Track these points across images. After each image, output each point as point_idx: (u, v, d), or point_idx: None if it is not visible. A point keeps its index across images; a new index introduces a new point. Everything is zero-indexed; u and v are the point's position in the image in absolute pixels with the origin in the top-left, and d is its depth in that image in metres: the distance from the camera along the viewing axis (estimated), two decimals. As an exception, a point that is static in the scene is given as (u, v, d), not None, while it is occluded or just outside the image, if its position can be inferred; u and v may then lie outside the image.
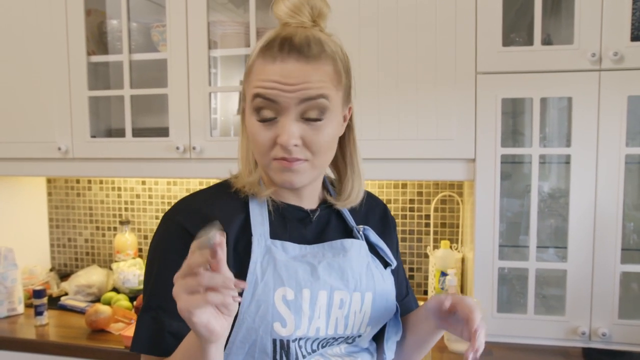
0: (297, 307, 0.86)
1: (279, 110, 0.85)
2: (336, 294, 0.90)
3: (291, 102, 0.84)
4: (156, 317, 0.85)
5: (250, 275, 0.86)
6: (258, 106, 0.86)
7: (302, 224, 0.96)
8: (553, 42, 1.68)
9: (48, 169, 2.01)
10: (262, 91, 0.84)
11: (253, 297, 0.85)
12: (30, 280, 2.17)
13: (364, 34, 1.67)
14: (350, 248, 0.95)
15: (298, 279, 0.87)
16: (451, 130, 1.64)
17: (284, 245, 0.90)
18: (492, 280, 1.65)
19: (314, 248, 0.93)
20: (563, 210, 1.67)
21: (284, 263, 0.88)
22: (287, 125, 0.85)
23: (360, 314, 0.93)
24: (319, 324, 0.88)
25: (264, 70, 0.85)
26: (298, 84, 0.83)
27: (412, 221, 2.08)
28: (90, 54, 1.93)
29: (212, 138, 1.82)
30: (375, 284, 0.95)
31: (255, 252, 0.88)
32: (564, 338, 1.62)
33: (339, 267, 0.91)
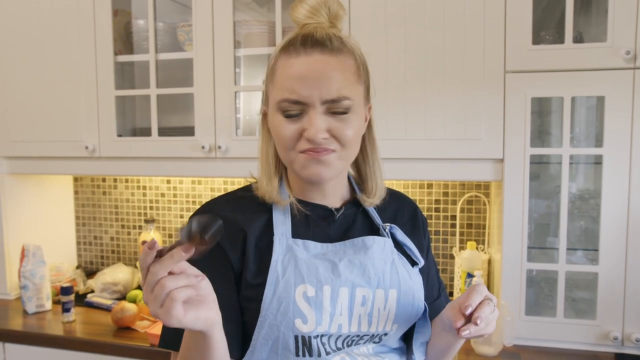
0: (317, 304, 0.87)
1: (305, 106, 0.87)
2: (358, 290, 0.90)
3: (318, 97, 0.86)
4: None
5: (271, 273, 0.88)
6: (285, 108, 0.88)
7: (325, 222, 0.97)
8: (584, 39, 1.65)
9: (75, 168, 2.04)
10: (288, 95, 0.86)
11: (274, 294, 0.87)
12: (57, 277, 2.20)
13: (391, 33, 1.65)
14: (372, 245, 0.95)
15: (319, 276, 0.88)
16: (479, 130, 1.61)
17: (305, 243, 0.92)
18: (520, 283, 1.62)
19: (335, 246, 0.94)
20: (593, 211, 1.64)
21: (305, 261, 0.89)
22: (314, 118, 0.86)
23: (385, 312, 0.92)
24: (341, 321, 0.88)
25: (289, 65, 0.87)
26: (324, 77, 0.85)
27: (437, 222, 2.06)
28: (117, 53, 1.95)
29: (238, 137, 1.82)
30: (400, 281, 0.95)
31: (277, 250, 0.90)
32: (595, 343, 1.58)
33: (360, 264, 0.92)
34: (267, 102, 0.94)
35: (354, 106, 0.89)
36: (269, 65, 0.92)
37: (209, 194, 2.27)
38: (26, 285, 1.96)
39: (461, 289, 1.89)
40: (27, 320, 1.91)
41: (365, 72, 0.93)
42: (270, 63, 0.92)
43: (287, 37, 0.90)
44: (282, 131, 0.88)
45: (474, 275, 1.78)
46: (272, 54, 0.92)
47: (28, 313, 1.97)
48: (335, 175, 0.93)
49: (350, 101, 0.87)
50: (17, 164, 2.10)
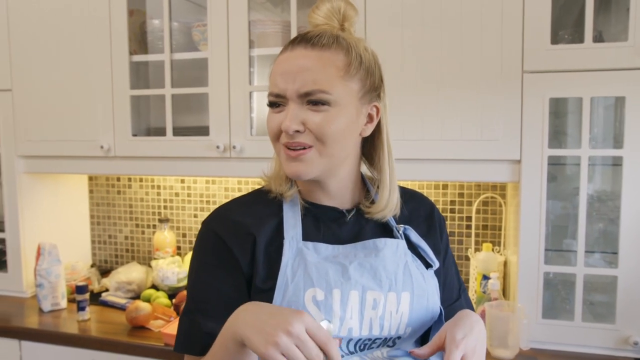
0: (327, 308, 0.86)
1: (285, 99, 0.89)
2: (369, 294, 0.89)
3: (294, 90, 0.87)
4: (193, 319, 0.91)
5: (281, 277, 0.88)
6: (270, 101, 0.91)
7: (336, 224, 0.96)
8: (605, 39, 1.62)
9: (90, 167, 2.05)
10: (271, 89, 0.90)
11: (284, 298, 0.87)
12: (72, 276, 2.21)
13: (407, 34, 1.64)
14: (383, 247, 0.94)
15: (328, 279, 0.88)
16: (496, 131, 1.59)
17: (315, 246, 0.92)
18: (537, 285, 1.60)
19: (346, 248, 0.93)
20: (612, 213, 1.61)
21: (315, 264, 0.89)
22: (290, 110, 0.88)
23: (397, 315, 0.91)
24: (352, 324, 0.88)
25: (277, 62, 0.91)
26: (300, 70, 0.87)
27: (452, 223, 2.04)
28: (132, 53, 1.96)
29: (252, 137, 1.82)
30: (413, 284, 0.93)
31: (286, 254, 0.90)
32: (614, 347, 1.56)
33: (370, 267, 0.91)
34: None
35: (336, 101, 0.87)
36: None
37: (222, 194, 2.27)
38: (42, 284, 1.97)
39: (477, 291, 1.87)
40: (43, 319, 1.92)
41: (364, 70, 0.91)
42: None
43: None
44: (268, 123, 0.92)
45: (489, 277, 1.76)
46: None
47: (44, 311, 1.98)
48: (319, 173, 0.91)
49: (328, 95, 0.87)
50: (33, 163, 2.11)
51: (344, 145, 0.91)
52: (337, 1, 0.94)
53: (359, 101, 0.92)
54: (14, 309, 2.02)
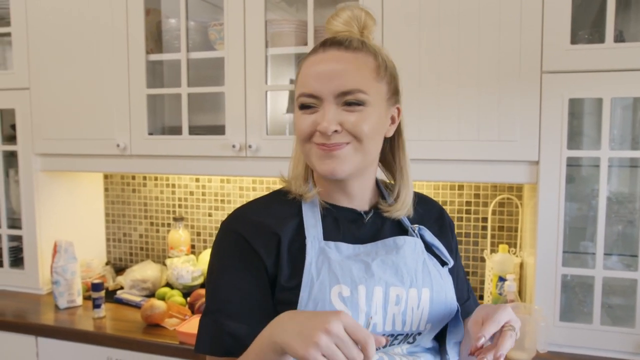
0: (353, 304, 0.87)
1: (320, 100, 0.89)
2: (392, 290, 0.90)
3: (330, 90, 0.88)
4: (215, 320, 0.91)
5: (305, 275, 0.89)
6: (301, 102, 0.91)
7: (355, 225, 0.98)
8: (625, 38, 1.60)
9: (107, 165, 2.06)
10: (304, 90, 0.90)
11: (310, 295, 0.88)
12: (87, 274, 2.22)
13: (424, 35, 1.63)
14: (403, 245, 0.95)
15: (353, 276, 0.89)
16: (514, 132, 1.58)
17: (337, 245, 0.93)
18: (554, 287, 1.59)
19: (367, 247, 0.95)
20: (632, 215, 1.59)
21: (338, 262, 0.90)
22: (326, 111, 0.88)
23: (418, 311, 0.92)
24: (376, 320, 0.89)
25: (308, 63, 0.92)
26: (338, 71, 0.88)
27: (468, 224, 2.03)
28: (148, 52, 1.97)
29: (268, 136, 1.81)
30: (432, 281, 0.95)
31: (310, 253, 0.90)
32: (634, 352, 1.54)
33: (392, 264, 0.92)
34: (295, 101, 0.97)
35: (371, 101, 0.90)
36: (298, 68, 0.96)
37: (237, 193, 2.28)
38: (58, 281, 1.99)
39: (492, 293, 1.86)
40: (59, 316, 1.93)
41: (389, 74, 0.95)
42: (298, 68, 0.96)
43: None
44: (298, 124, 0.92)
45: (506, 279, 1.75)
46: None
47: (59, 308, 2.00)
48: (352, 171, 0.92)
49: (365, 95, 0.89)
50: (50, 161, 2.13)
51: (376, 143, 0.94)
52: (358, 10, 0.96)
53: (386, 102, 0.95)
54: (30, 305, 2.03)
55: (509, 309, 0.88)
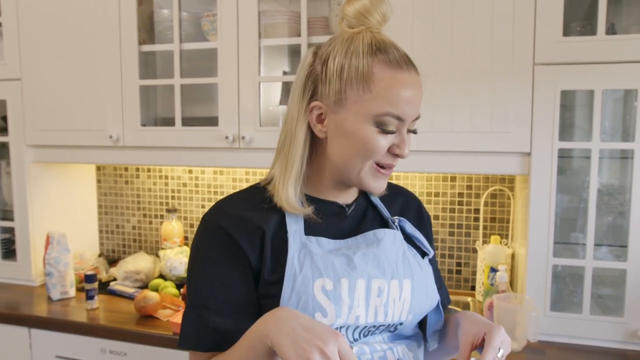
0: (336, 297, 0.87)
1: (402, 123, 0.89)
2: (374, 282, 0.91)
3: (413, 116, 0.89)
4: (199, 314, 0.89)
5: (288, 269, 0.88)
6: (385, 122, 0.88)
7: (337, 218, 0.98)
8: (617, 31, 1.61)
9: (99, 157, 2.05)
10: (395, 112, 0.87)
11: (293, 289, 0.87)
12: (80, 265, 2.22)
13: (417, 26, 1.63)
14: (383, 238, 0.96)
15: (335, 269, 0.89)
16: (507, 123, 1.59)
17: (318, 240, 0.93)
18: (545, 278, 1.60)
19: (347, 241, 0.95)
20: (622, 207, 1.61)
21: (321, 255, 0.90)
22: (406, 137, 0.90)
23: (400, 302, 0.93)
24: (359, 312, 0.89)
25: (396, 80, 0.87)
26: (419, 99, 0.90)
27: (460, 215, 2.04)
28: (141, 43, 1.96)
29: (262, 128, 1.81)
30: (413, 272, 0.96)
31: (292, 247, 0.90)
32: (622, 340, 1.56)
33: (374, 256, 0.93)
34: (340, 104, 0.89)
35: None
36: (356, 68, 0.87)
37: (230, 185, 2.28)
38: (51, 272, 1.98)
39: (484, 284, 1.87)
40: (52, 307, 1.93)
41: None
42: (359, 67, 0.87)
43: (373, 44, 0.88)
44: (374, 142, 0.88)
45: (497, 269, 1.76)
46: (356, 57, 0.88)
47: (52, 300, 1.99)
48: None
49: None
50: (42, 153, 2.12)
51: None
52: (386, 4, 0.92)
53: None
54: (23, 297, 2.03)
55: (502, 330, 0.90)
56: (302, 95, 0.92)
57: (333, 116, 0.90)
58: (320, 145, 0.94)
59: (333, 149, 0.92)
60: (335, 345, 0.73)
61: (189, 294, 0.93)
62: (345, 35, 0.91)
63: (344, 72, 0.88)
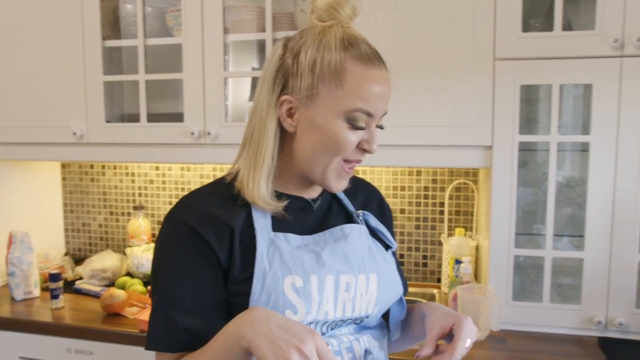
0: (306, 294, 0.87)
1: (371, 119, 0.89)
2: (342, 277, 0.91)
3: (381, 111, 0.90)
4: (168, 314, 0.87)
5: (257, 266, 0.87)
6: (356, 118, 0.88)
7: (304, 213, 0.98)
8: (573, 27, 1.66)
9: (63, 154, 2.02)
10: (366, 107, 0.87)
11: (263, 287, 0.86)
12: (45, 264, 2.19)
13: (380, 20, 1.65)
14: (350, 233, 0.97)
15: (305, 266, 0.89)
16: (468, 117, 1.62)
17: (286, 236, 0.92)
18: (507, 269, 1.64)
19: (315, 237, 0.95)
20: (580, 198, 1.66)
21: (289, 252, 0.90)
22: (374, 133, 0.90)
23: (367, 296, 0.94)
24: (328, 308, 0.90)
25: (368, 76, 0.87)
26: (388, 94, 0.90)
27: (426, 208, 2.07)
28: (105, 38, 1.93)
29: (227, 123, 1.81)
30: (378, 266, 0.97)
31: (260, 244, 0.89)
32: (580, 327, 1.61)
33: (341, 252, 0.93)
34: (311, 99, 0.88)
35: None
36: (329, 64, 0.87)
37: (198, 181, 2.27)
38: (14, 272, 1.95)
39: (449, 275, 1.91)
40: (15, 307, 1.90)
41: None
42: (332, 63, 0.86)
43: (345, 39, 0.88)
44: (344, 138, 0.88)
45: (462, 261, 1.80)
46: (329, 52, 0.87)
47: (16, 300, 1.96)
48: None
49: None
50: (4, 150, 2.07)
51: None
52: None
53: None
54: (-15, 298, 1.99)
55: (470, 320, 0.92)
56: (272, 88, 0.90)
57: (304, 111, 0.89)
58: (287, 139, 0.93)
59: (302, 144, 0.91)
60: (313, 343, 0.73)
61: (155, 293, 0.90)
62: (316, 28, 0.90)
63: (316, 67, 0.87)
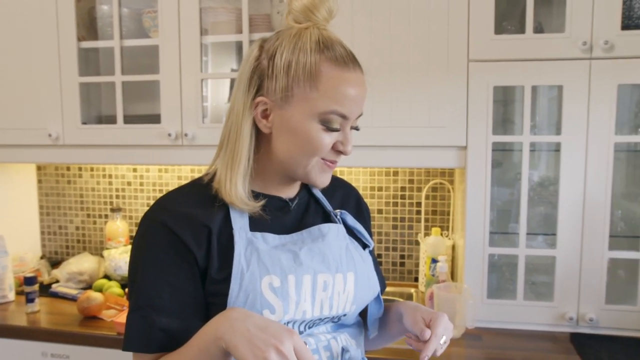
0: (284, 294, 0.88)
1: (346, 121, 0.90)
2: (319, 277, 0.92)
3: (356, 114, 0.91)
4: (145, 315, 0.86)
5: (235, 266, 0.87)
6: (330, 120, 0.89)
7: (282, 212, 0.98)
8: (545, 30, 1.69)
9: (38, 156, 2.00)
10: (340, 110, 0.88)
11: (241, 287, 0.86)
12: (20, 268, 2.16)
13: (357, 23, 1.67)
14: (327, 232, 0.97)
15: (282, 266, 0.89)
16: (443, 118, 1.64)
17: (264, 236, 0.92)
18: (482, 267, 1.67)
19: (293, 237, 0.95)
20: (553, 197, 1.69)
21: (267, 252, 0.90)
22: (349, 135, 0.92)
23: (344, 294, 0.95)
24: (305, 307, 0.90)
25: (343, 79, 0.88)
26: (363, 97, 0.91)
27: (403, 209, 2.09)
28: (80, 39, 1.92)
29: (204, 125, 1.81)
30: (355, 265, 0.98)
31: (238, 244, 0.89)
32: (552, 323, 1.64)
33: (319, 251, 0.94)
34: (286, 101, 0.88)
35: None
36: (304, 66, 0.87)
37: (176, 182, 2.26)
38: (-12, 276, 1.92)
39: (426, 274, 1.93)
40: (-10, 311, 1.87)
41: None
42: (307, 65, 0.87)
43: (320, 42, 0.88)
44: (319, 140, 0.89)
45: (438, 260, 1.82)
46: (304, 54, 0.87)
47: (-10, 304, 1.93)
48: None
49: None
50: (-23, 152, 2.04)
51: None
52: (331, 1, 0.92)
53: None
54: (-42, 302, 1.96)
55: (445, 317, 0.94)
56: (248, 89, 0.91)
57: (279, 112, 0.89)
58: (264, 140, 0.93)
59: (278, 145, 0.91)
60: (291, 343, 0.74)
61: (132, 295, 0.90)
62: (292, 30, 0.90)
63: (291, 69, 0.87)
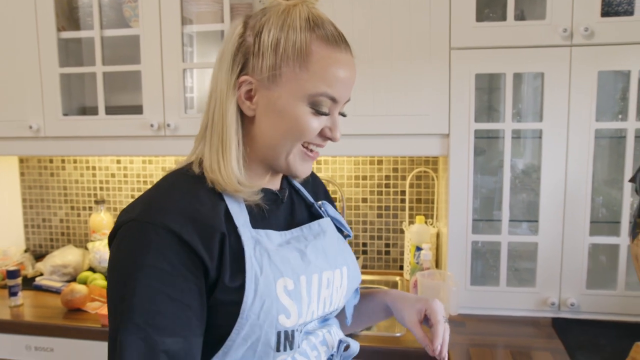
0: (297, 296, 0.84)
1: (336, 105, 0.86)
2: (324, 274, 0.90)
3: (344, 100, 0.87)
4: (145, 336, 0.73)
5: (249, 271, 0.80)
6: (320, 102, 0.84)
7: (275, 205, 0.93)
8: (526, 17, 1.69)
9: (20, 148, 1.98)
10: (329, 91, 0.83)
11: (256, 293, 0.79)
12: (4, 262, 2.14)
13: (338, 10, 1.66)
14: (327, 228, 0.96)
15: (293, 267, 0.84)
16: (426, 106, 1.65)
17: (267, 233, 0.86)
18: (465, 254, 1.68)
19: (293, 233, 0.91)
20: (535, 184, 1.70)
21: (276, 252, 0.84)
22: (337, 120, 0.87)
23: (341, 289, 0.94)
24: (314, 307, 0.87)
25: (334, 60, 0.83)
26: (353, 80, 0.87)
27: (387, 197, 2.10)
28: (60, 30, 1.89)
29: (187, 115, 1.80)
30: (346, 258, 0.97)
31: (247, 245, 0.82)
32: (535, 309, 1.66)
33: (322, 249, 0.91)
34: (273, 81, 0.82)
35: None
36: (293, 44, 0.81)
37: (159, 174, 2.25)
38: (-30, 270, 1.91)
39: (411, 262, 1.94)
40: (-28, 305, 1.86)
41: None
42: (297, 43, 0.81)
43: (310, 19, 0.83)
44: (307, 123, 0.83)
45: (422, 248, 1.83)
46: (294, 31, 0.82)
47: (-27, 298, 1.92)
48: None
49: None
50: (-43, 145, 2.02)
51: None
52: None
53: None
54: (-59, 296, 1.94)
55: (438, 302, 0.95)
56: (232, 68, 0.84)
57: (264, 93, 0.83)
58: (247, 124, 0.86)
59: (262, 128, 0.85)
60: None
61: (125, 312, 0.74)
62: (280, 6, 0.84)
63: (279, 47, 0.81)
